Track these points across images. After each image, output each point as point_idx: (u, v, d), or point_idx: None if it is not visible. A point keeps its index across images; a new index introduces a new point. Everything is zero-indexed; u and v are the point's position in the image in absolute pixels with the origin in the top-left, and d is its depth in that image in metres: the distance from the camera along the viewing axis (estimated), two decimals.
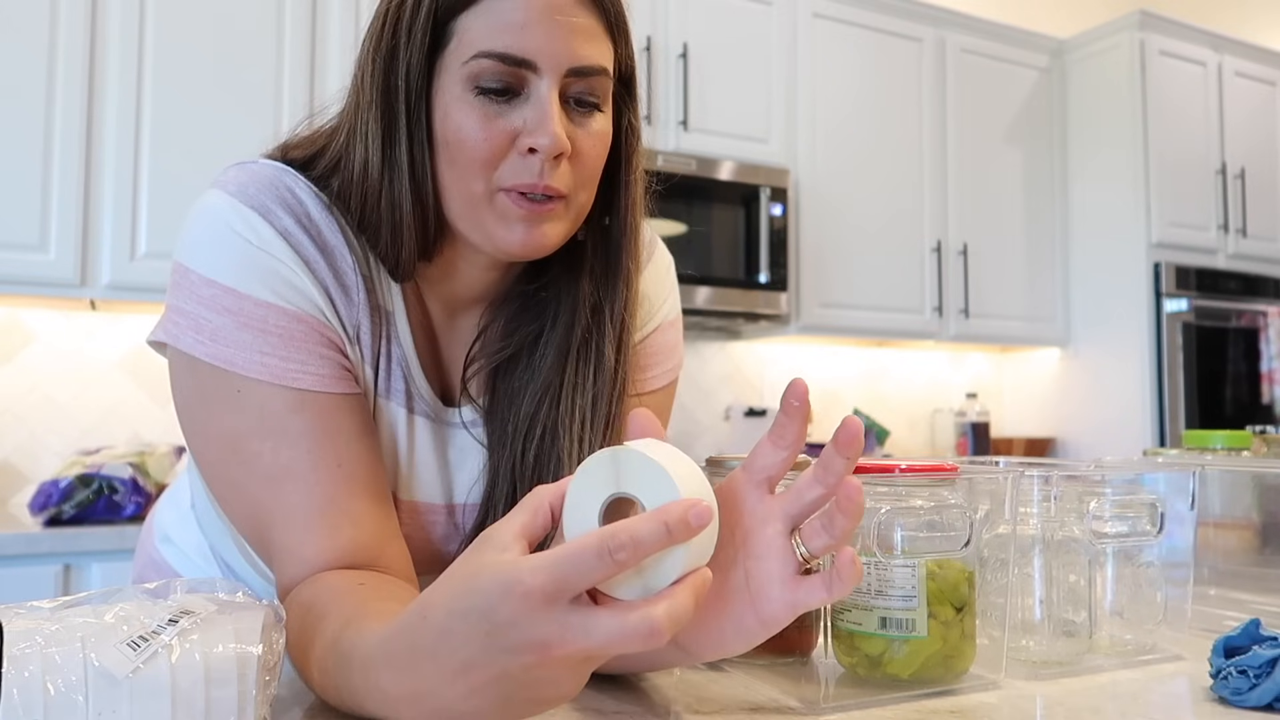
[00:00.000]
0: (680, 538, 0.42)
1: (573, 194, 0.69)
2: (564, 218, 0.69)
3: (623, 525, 0.42)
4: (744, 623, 0.52)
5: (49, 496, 1.95)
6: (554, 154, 0.65)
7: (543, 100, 0.65)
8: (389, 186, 0.68)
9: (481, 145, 0.66)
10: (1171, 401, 3.25)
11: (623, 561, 0.41)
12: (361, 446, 0.69)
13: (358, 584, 0.62)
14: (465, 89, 0.66)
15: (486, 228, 0.68)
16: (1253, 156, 3.60)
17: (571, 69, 0.66)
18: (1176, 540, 0.75)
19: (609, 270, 0.76)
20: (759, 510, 0.52)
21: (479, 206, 0.67)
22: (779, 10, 3.01)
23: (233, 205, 0.67)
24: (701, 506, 0.43)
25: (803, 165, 3.02)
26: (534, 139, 0.65)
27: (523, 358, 0.76)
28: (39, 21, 2.11)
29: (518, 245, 0.68)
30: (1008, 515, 0.67)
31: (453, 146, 0.67)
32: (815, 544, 0.51)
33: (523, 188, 0.66)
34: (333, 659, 0.54)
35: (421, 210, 0.69)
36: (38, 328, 2.37)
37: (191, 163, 2.23)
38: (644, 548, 0.42)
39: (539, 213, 0.67)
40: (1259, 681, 0.59)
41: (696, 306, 2.75)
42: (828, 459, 0.51)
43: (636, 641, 0.42)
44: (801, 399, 0.51)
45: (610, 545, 0.41)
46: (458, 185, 0.67)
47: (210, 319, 0.65)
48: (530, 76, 0.66)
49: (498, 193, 0.67)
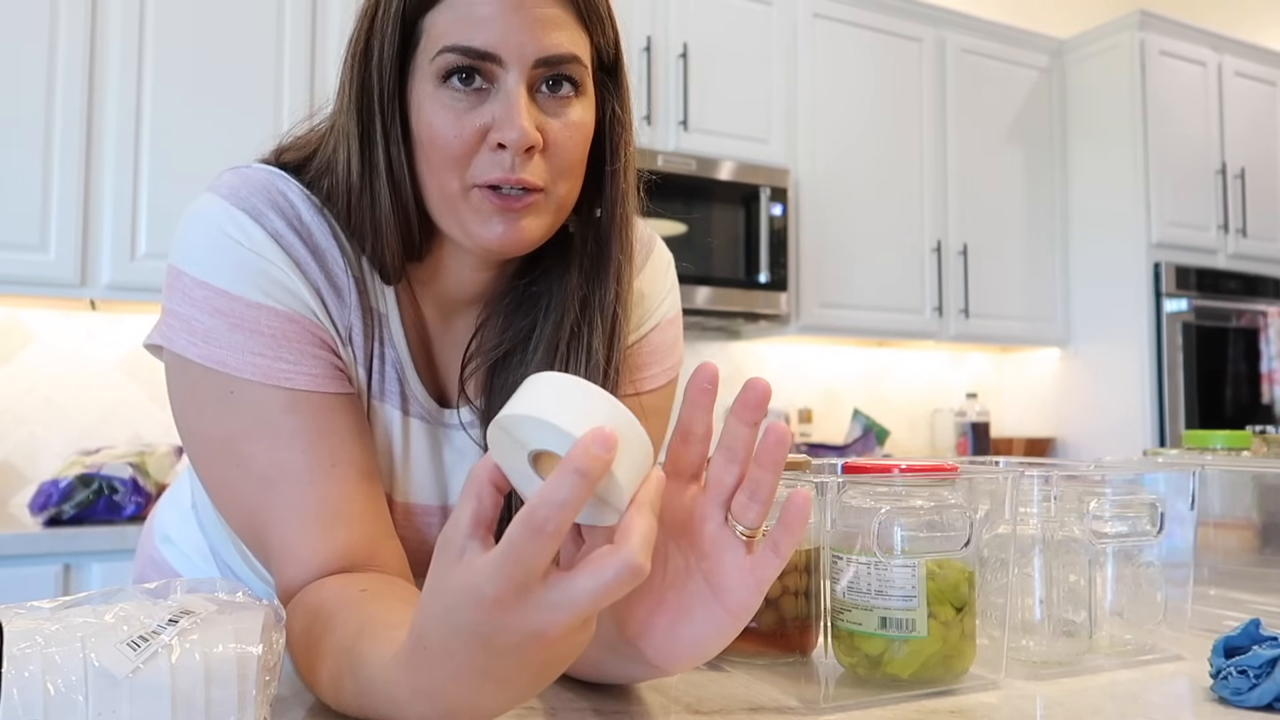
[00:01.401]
0: (597, 474, 0.41)
1: (551, 186, 0.68)
2: (544, 211, 0.68)
3: (539, 496, 0.41)
4: (717, 622, 0.51)
5: (49, 496, 1.95)
6: (523, 148, 0.65)
7: (510, 94, 0.65)
8: (369, 187, 0.68)
9: (453, 142, 0.65)
10: (1171, 401, 3.25)
11: (557, 528, 0.41)
12: (356, 446, 0.69)
13: (360, 590, 0.61)
14: (435, 86, 0.66)
15: (465, 224, 0.67)
16: (1253, 156, 3.60)
17: (539, 59, 0.66)
18: (1176, 540, 0.75)
19: (597, 263, 0.75)
20: (695, 510, 0.52)
21: (456, 203, 0.67)
22: (779, 10, 3.01)
23: (224, 208, 0.67)
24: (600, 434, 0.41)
25: (803, 165, 3.02)
26: (502, 134, 0.64)
27: (517, 353, 0.76)
28: (39, 21, 2.11)
29: (496, 241, 0.67)
30: (1008, 515, 0.67)
31: (426, 144, 0.67)
32: (748, 517, 0.50)
33: (495, 182, 0.65)
34: (348, 667, 0.54)
35: (402, 210, 0.69)
36: (38, 328, 2.37)
37: (191, 163, 2.23)
38: (570, 505, 0.41)
39: (515, 207, 0.66)
40: (1259, 681, 0.59)
41: (696, 306, 2.75)
42: (731, 432, 0.51)
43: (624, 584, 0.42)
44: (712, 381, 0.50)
45: (536, 522, 0.41)
46: (434, 183, 0.67)
47: (203, 321, 0.66)
48: (496, 70, 0.65)
49: (472, 189, 0.66)
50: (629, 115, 0.75)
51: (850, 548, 0.62)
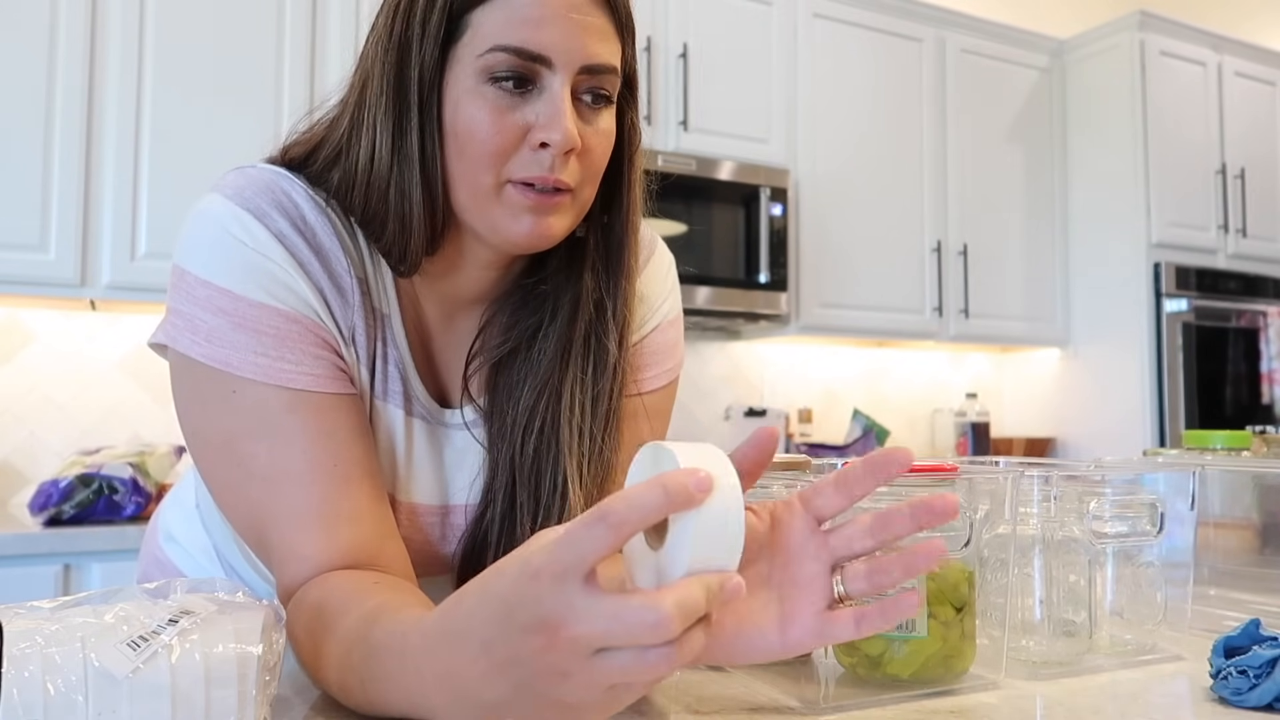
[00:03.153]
0: (679, 502, 0.41)
1: (578, 189, 0.70)
2: (569, 211, 0.70)
3: (618, 493, 0.41)
4: (766, 640, 0.51)
5: (49, 496, 1.95)
6: (566, 149, 0.66)
7: (556, 96, 0.66)
8: (399, 177, 0.68)
9: (493, 138, 0.66)
10: (1171, 401, 3.25)
11: (619, 523, 0.40)
12: (358, 446, 0.69)
13: (373, 582, 0.62)
14: (479, 81, 0.67)
15: (493, 219, 0.68)
16: (1253, 156, 3.60)
17: (584, 66, 0.67)
18: (1176, 540, 0.75)
19: (611, 266, 0.77)
20: (807, 544, 0.52)
21: (487, 198, 0.68)
22: (779, 10, 3.01)
23: (229, 208, 0.67)
24: (703, 475, 0.42)
25: (803, 165, 3.02)
26: (547, 134, 0.66)
27: (521, 351, 0.76)
28: (39, 21, 2.11)
29: (524, 236, 0.68)
30: (1008, 515, 0.67)
31: (463, 138, 0.67)
32: (855, 587, 0.51)
33: (532, 180, 0.67)
34: (360, 651, 0.54)
35: (430, 201, 0.69)
36: (38, 328, 2.37)
37: (191, 163, 2.23)
38: (640, 510, 0.40)
39: (546, 205, 0.68)
40: (1259, 681, 0.59)
41: (696, 306, 2.75)
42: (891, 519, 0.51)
43: (643, 630, 0.40)
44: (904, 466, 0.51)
45: (601, 511, 0.41)
46: (466, 177, 0.68)
47: (206, 320, 0.66)
48: (544, 72, 0.67)
49: (506, 185, 0.67)
50: (639, 122, 0.77)
51: None
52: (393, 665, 0.51)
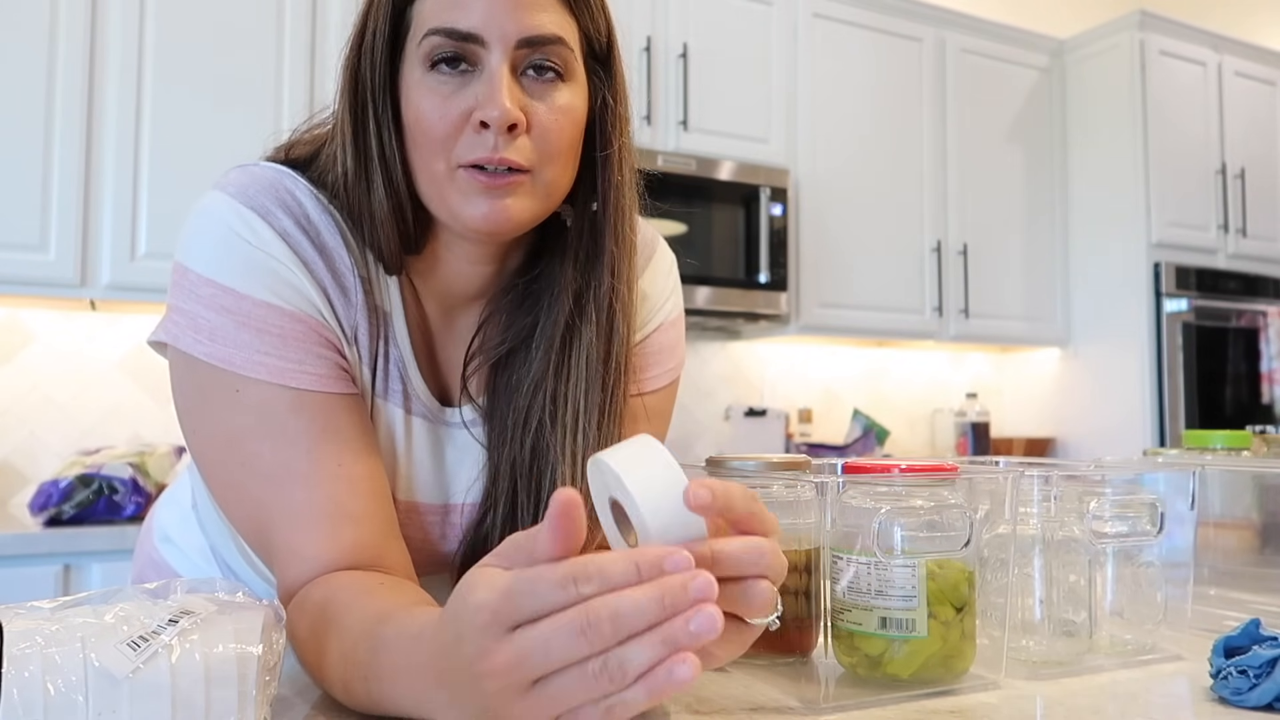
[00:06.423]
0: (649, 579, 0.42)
1: (537, 169, 0.68)
2: (530, 194, 0.68)
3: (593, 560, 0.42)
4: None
5: (49, 496, 1.94)
6: (504, 125, 0.65)
7: (492, 73, 0.66)
8: (364, 175, 0.69)
9: (438, 124, 0.66)
10: (1171, 401, 3.25)
11: (587, 595, 0.41)
12: (361, 446, 0.69)
13: (379, 583, 0.62)
14: (423, 71, 0.67)
15: (451, 206, 0.68)
16: (1253, 156, 3.60)
17: (521, 39, 0.66)
18: (1176, 540, 0.75)
19: (591, 254, 0.75)
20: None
21: (443, 185, 0.68)
22: (779, 10, 3.01)
23: (232, 206, 0.67)
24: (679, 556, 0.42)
25: (803, 165, 3.02)
26: (484, 112, 0.65)
27: (520, 351, 0.76)
28: (39, 21, 2.11)
29: (481, 220, 0.67)
30: (1008, 515, 0.67)
31: (414, 128, 0.67)
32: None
33: (479, 161, 0.66)
34: (366, 648, 0.54)
35: (396, 197, 0.69)
36: (38, 328, 2.37)
37: (191, 163, 2.23)
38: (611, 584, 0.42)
39: (499, 186, 0.66)
40: (1259, 681, 0.59)
41: (696, 306, 2.75)
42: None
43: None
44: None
45: (578, 575, 0.42)
46: (423, 166, 0.68)
47: (209, 318, 0.66)
48: (480, 51, 0.66)
49: (457, 169, 0.67)
50: (623, 107, 0.75)
51: (850, 548, 0.62)
52: (400, 662, 0.51)
